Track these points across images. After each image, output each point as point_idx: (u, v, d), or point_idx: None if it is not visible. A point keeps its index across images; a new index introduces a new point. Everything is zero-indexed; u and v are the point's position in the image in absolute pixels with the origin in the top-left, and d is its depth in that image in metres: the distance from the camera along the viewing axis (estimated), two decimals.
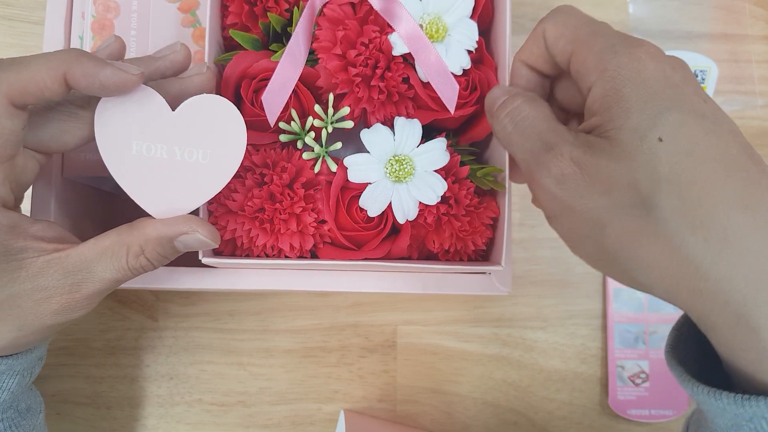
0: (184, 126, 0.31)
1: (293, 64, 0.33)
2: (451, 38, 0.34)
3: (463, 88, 0.34)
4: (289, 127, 0.34)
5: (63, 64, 0.29)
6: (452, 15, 0.34)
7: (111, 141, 0.30)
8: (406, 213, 0.33)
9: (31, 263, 0.30)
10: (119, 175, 0.31)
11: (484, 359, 0.54)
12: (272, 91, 0.33)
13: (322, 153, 0.34)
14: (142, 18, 0.41)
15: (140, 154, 0.30)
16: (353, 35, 0.33)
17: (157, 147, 0.30)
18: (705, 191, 0.25)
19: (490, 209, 0.35)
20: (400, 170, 0.33)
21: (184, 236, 0.31)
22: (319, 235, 0.35)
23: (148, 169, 0.31)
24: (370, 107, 0.33)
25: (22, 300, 0.30)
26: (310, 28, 0.34)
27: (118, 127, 0.30)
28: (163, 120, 0.30)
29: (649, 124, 0.26)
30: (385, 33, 0.33)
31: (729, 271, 0.24)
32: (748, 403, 0.25)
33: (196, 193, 0.32)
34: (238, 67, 0.34)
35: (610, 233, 0.26)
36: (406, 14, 0.33)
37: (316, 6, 0.34)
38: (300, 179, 0.34)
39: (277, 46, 0.35)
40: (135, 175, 0.31)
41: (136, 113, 0.30)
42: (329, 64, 0.33)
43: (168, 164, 0.31)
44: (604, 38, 0.28)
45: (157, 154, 0.31)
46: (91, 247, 0.31)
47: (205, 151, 0.31)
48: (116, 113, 0.30)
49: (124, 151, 0.30)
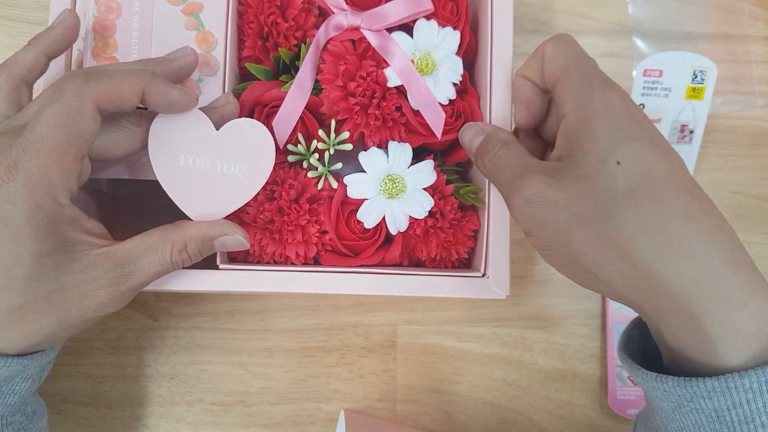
0: (226, 143, 0.45)
1: (300, 93, 0.49)
2: (438, 72, 0.50)
3: (449, 116, 0.50)
4: (296, 149, 0.50)
5: (142, 81, 0.41)
6: (440, 51, 0.50)
7: (162, 153, 0.44)
8: (398, 225, 0.50)
9: (84, 255, 0.41)
10: (166, 182, 0.45)
11: (484, 359, 0.68)
12: (282, 117, 0.49)
13: (324, 172, 0.50)
14: (145, 20, 0.50)
15: (187, 165, 0.45)
16: (353, 69, 0.49)
17: (202, 160, 0.45)
18: (656, 205, 0.37)
19: (472, 222, 0.52)
20: (393, 188, 0.49)
21: (225, 237, 0.45)
22: (321, 244, 0.51)
23: (192, 178, 0.45)
24: (367, 132, 0.50)
25: (70, 291, 0.40)
26: (316, 62, 0.50)
27: (170, 141, 0.44)
28: (208, 137, 0.45)
29: (611, 150, 0.39)
30: (381, 67, 0.49)
31: (676, 270, 0.36)
32: (689, 384, 0.35)
33: (231, 201, 0.46)
34: (252, 95, 0.50)
35: (575, 242, 0.38)
36: (399, 51, 0.49)
37: (321, 42, 0.50)
38: (305, 195, 0.50)
39: (286, 77, 0.51)
40: (180, 183, 0.45)
41: (186, 130, 0.44)
42: (332, 94, 0.49)
43: (209, 175, 0.45)
44: (587, 73, 0.42)
45: (201, 166, 0.45)
46: (138, 242, 0.43)
47: (241, 164, 0.45)
48: (169, 129, 0.44)
49: (173, 162, 0.45)
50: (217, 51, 0.51)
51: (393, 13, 0.49)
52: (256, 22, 0.51)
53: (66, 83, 0.40)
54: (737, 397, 0.34)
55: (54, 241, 0.40)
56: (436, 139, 0.50)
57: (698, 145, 0.67)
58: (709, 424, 0.36)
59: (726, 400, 0.34)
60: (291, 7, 0.51)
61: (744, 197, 0.72)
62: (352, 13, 0.49)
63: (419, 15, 0.50)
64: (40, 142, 0.38)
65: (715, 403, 0.35)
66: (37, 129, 0.39)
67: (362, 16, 0.49)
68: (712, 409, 0.35)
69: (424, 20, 0.50)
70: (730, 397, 0.34)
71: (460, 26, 0.52)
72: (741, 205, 0.72)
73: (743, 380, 0.34)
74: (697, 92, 0.66)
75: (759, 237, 0.72)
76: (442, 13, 0.51)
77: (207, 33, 0.51)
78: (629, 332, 0.45)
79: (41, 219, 0.39)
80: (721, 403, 0.34)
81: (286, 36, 0.51)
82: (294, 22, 0.51)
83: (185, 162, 0.45)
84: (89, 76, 0.40)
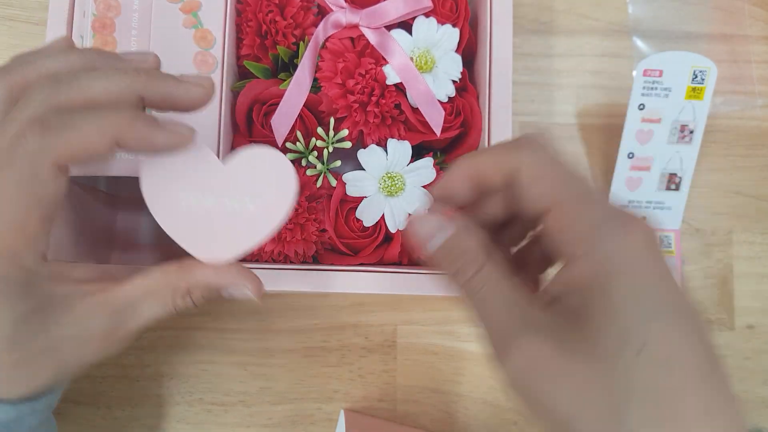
0: (234, 177, 0.38)
1: (299, 91, 0.49)
2: (438, 69, 0.50)
3: (448, 113, 0.50)
4: (295, 147, 0.50)
5: (115, 128, 0.34)
6: (439, 49, 0.50)
7: (159, 193, 0.38)
8: (397, 223, 0.50)
9: (77, 305, 0.37)
10: (167, 224, 0.38)
11: (484, 359, 0.67)
12: (280, 115, 0.49)
13: (323, 170, 0.50)
14: (143, 17, 0.50)
15: (189, 205, 0.38)
16: (352, 66, 0.49)
17: (207, 198, 0.38)
18: (675, 400, 0.30)
19: None
20: (392, 186, 0.49)
21: (233, 287, 0.40)
22: (320, 242, 0.51)
23: (197, 219, 0.38)
24: (366, 130, 0.49)
25: (67, 343, 0.37)
26: (314, 60, 0.50)
27: (166, 181, 0.38)
28: (212, 172, 0.38)
29: (634, 331, 0.31)
30: (380, 65, 0.49)
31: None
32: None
33: (242, 241, 0.39)
34: (251, 93, 0.50)
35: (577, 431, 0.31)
36: (398, 48, 0.49)
37: (320, 40, 0.50)
38: (304, 193, 0.50)
39: (285, 75, 0.51)
40: (183, 226, 0.39)
41: (184, 167, 0.38)
42: (330, 92, 0.49)
43: (216, 214, 0.38)
44: (592, 210, 0.33)
45: (206, 204, 0.38)
46: (137, 285, 0.38)
47: (254, 200, 0.38)
48: (164, 167, 0.37)
49: (172, 204, 0.38)
50: (216, 49, 0.50)
51: (392, 11, 0.49)
52: (255, 20, 0.51)
53: (19, 143, 0.34)
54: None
55: (36, 300, 0.37)
56: (435, 136, 0.50)
57: (698, 145, 0.67)
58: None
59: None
60: (289, 5, 0.51)
61: (744, 197, 0.71)
62: (350, 10, 0.49)
63: (418, 12, 0.50)
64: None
65: None
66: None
67: (361, 13, 0.49)
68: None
69: (423, 17, 0.50)
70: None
71: (459, 24, 0.52)
72: (741, 205, 0.71)
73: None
74: (697, 92, 0.66)
75: (759, 237, 0.71)
76: (441, 11, 0.51)
77: (205, 31, 0.51)
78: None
79: (13, 287, 0.36)
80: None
81: (285, 34, 0.51)
82: (292, 20, 0.51)
83: (187, 202, 0.39)
84: (46, 131, 0.34)
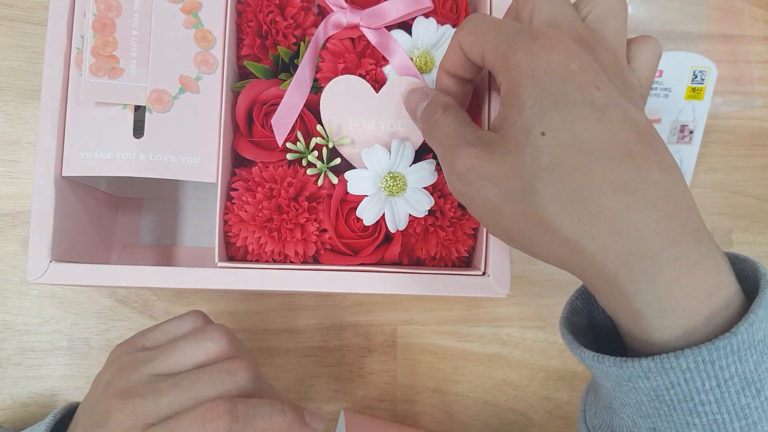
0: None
1: (299, 91, 0.49)
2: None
3: None
4: (295, 147, 0.49)
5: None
6: (439, 49, 0.49)
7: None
8: (398, 223, 0.49)
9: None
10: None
11: (484, 359, 0.68)
12: (280, 115, 0.49)
13: (323, 169, 0.50)
14: (144, 18, 0.49)
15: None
16: (352, 67, 0.49)
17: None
18: (582, 178, 0.34)
19: (472, 221, 0.51)
20: (394, 185, 0.49)
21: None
22: (320, 242, 0.50)
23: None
24: None
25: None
26: (315, 60, 0.49)
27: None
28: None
29: (536, 119, 0.35)
30: (380, 65, 0.49)
31: (602, 247, 0.34)
32: (626, 365, 0.34)
33: None
34: (251, 94, 0.50)
35: (506, 219, 0.37)
36: (398, 49, 0.49)
37: (320, 40, 0.49)
38: (304, 193, 0.49)
39: (285, 75, 0.50)
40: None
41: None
42: None
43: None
44: (506, 36, 0.38)
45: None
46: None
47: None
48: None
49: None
50: (216, 49, 0.50)
51: (392, 11, 0.48)
52: (255, 20, 0.50)
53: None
54: (674, 378, 0.33)
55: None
56: None
57: (698, 145, 0.67)
58: (649, 402, 0.35)
59: (663, 380, 0.33)
60: (290, 6, 0.50)
61: (744, 197, 0.71)
62: (351, 11, 0.49)
63: (418, 13, 0.49)
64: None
65: (653, 383, 0.34)
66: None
67: (361, 14, 0.49)
68: (650, 389, 0.34)
69: (423, 18, 0.50)
70: (667, 377, 0.33)
71: (459, 24, 0.51)
72: (741, 205, 0.71)
73: (679, 361, 0.32)
74: (697, 92, 0.66)
75: (759, 237, 0.71)
76: (441, 11, 0.51)
77: (206, 31, 0.50)
78: (573, 303, 0.43)
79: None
80: (659, 382, 0.33)
81: (285, 34, 0.50)
82: (293, 20, 0.50)
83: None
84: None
